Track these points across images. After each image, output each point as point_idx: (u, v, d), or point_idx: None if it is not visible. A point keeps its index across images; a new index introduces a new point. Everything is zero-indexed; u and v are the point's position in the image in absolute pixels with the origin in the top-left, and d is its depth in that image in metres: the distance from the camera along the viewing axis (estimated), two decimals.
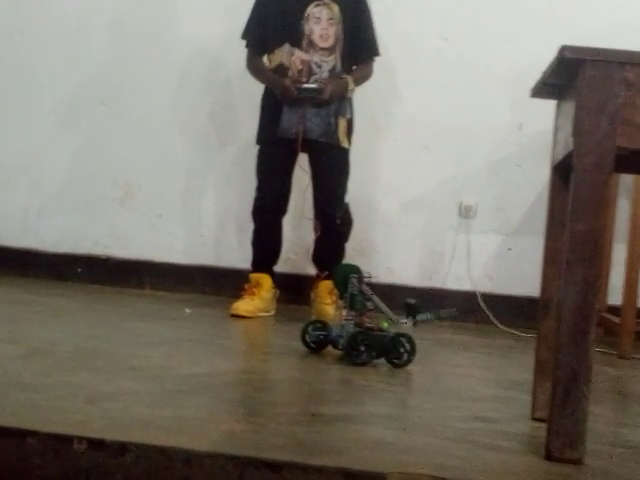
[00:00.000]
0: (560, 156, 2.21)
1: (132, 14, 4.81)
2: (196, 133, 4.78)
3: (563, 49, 1.92)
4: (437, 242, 4.61)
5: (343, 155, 4.08)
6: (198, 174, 4.79)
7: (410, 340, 3.05)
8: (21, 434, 1.77)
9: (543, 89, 2.27)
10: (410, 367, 3.02)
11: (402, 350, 3.04)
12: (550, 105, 2.41)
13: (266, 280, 4.10)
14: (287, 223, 4.20)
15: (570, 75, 2.01)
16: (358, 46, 4.08)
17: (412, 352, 3.04)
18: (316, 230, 4.05)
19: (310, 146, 4.00)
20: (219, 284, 4.61)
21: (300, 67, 4.00)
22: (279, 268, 4.23)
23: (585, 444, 1.89)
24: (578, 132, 1.92)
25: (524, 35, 4.45)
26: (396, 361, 3.03)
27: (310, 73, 4.00)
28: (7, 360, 2.54)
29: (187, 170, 4.78)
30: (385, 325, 3.11)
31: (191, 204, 4.80)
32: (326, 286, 4.06)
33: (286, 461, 1.72)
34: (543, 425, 2.00)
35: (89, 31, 4.81)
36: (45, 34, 4.84)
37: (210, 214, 4.77)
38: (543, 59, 2.20)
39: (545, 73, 2.15)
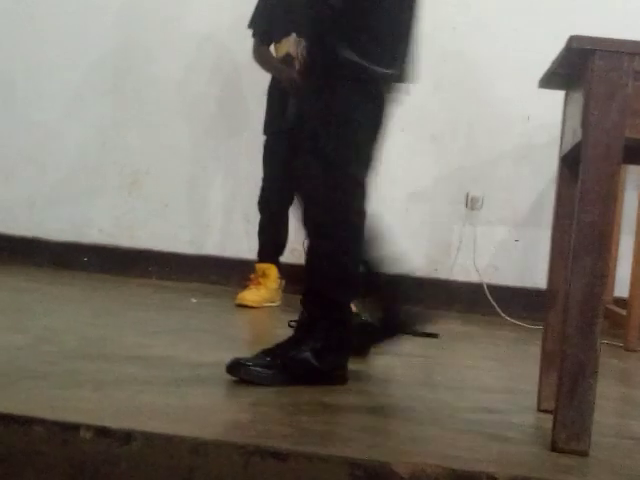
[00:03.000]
0: (568, 147, 2.20)
1: (140, 2, 4.80)
2: (203, 122, 4.77)
3: (572, 39, 1.92)
4: (443, 233, 4.60)
5: None
6: (205, 163, 4.79)
7: None
8: (28, 422, 1.77)
9: (551, 80, 2.26)
10: (416, 358, 3.02)
11: None
12: (558, 97, 2.40)
13: (272, 270, 4.10)
14: (293, 213, 4.19)
15: (579, 65, 2.00)
16: None
17: None
18: None
19: None
20: (225, 274, 4.61)
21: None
22: (285, 258, 4.23)
23: (591, 436, 1.88)
24: (586, 123, 1.92)
25: (533, 26, 4.43)
26: None
27: None
28: (13, 348, 2.54)
29: (194, 159, 4.78)
30: None
31: (198, 194, 4.80)
32: None
33: (292, 450, 1.71)
34: (549, 416, 1.99)
35: (96, 18, 4.80)
36: (52, 21, 4.83)
37: (217, 204, 4.77)
38: (551, 50, 2.19)
39: (554, 63, 2.14)
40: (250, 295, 3.99)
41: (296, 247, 4.52)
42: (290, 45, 4.01)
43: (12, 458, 1.76)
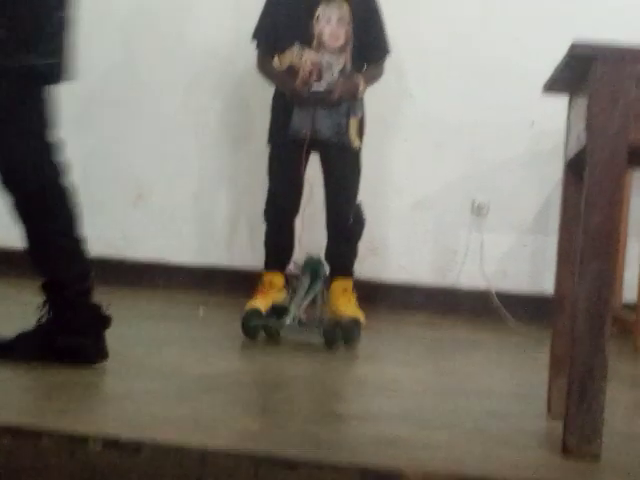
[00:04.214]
0: (573, 152, 2.20)
1: (144, 15, 4.81)
2: (208, 134, 4.78)
3: (574, 46, 1.92)
4: (450, 240, 4.60)
5: (355, 155, 4.06)
6: (210, 175, 4.79)
7: None
8: (37, 434, 1.77)
9: (555, 85, 2.26)
10: (425, 365, 3.01)
11: None
12: (562, 103, 2.40)
13: (278, 280, 4.10)
14: (299, 223, 4.19)
15: (582, 71, 2.00)
16: (369, 46, 4.06)
17: None
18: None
19: (321, 147, 3.99)
20: (231, 284, 4.61)
21: (310, 68, 3.99)
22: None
23: (602, 439, 1.88)
24: (591, 128, 1.92)
25: (535, 32, 4.44)
26: None
27: (320, 74, 3.99)
28: (20, 361, 2.54)
29: (199, 171, 4.78)
30: None
31: (203, 205, 4.80)
32: (339, 285, 4.05)
33: (302, 459, 1.71)
34: (559, 421, 1.99)
35: (100, 31, 4.81)
36: None
37: (222, 215, 4.78)
38: (554, 56, 2.18)
39: (557, 70, 2.14)
40: (257, 305, 3.99)
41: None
42: (294, 56, 4.02)
43: (21, 471, 1.76)
